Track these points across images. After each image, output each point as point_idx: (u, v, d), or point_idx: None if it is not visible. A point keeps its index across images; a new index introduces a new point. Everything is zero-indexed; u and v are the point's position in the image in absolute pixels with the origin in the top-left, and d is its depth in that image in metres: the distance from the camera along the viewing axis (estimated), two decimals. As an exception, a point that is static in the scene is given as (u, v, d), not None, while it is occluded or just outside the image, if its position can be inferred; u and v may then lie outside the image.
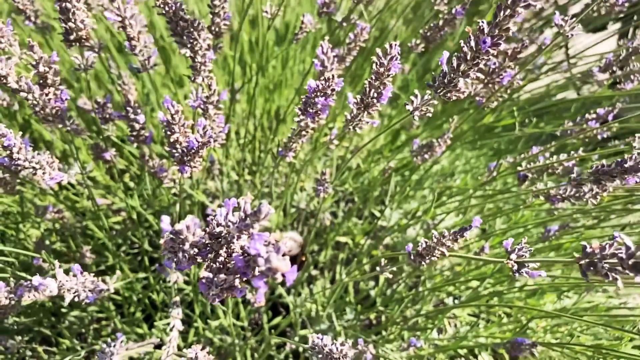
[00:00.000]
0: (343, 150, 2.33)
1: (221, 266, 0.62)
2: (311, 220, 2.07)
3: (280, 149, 1.14)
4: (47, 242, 1.85)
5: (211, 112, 1.09)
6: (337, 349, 0.83)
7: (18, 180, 1.24)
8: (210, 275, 0.61)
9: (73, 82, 2.16)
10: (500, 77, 1.15)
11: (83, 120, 2.08)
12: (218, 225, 0.61)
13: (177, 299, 1.24)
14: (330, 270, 2.07)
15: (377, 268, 1.05)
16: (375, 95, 0.89)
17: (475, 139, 2.23)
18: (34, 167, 0.89)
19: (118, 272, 1.17)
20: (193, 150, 0.84)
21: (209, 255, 0.61)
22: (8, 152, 0.84)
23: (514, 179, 2.24)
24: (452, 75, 0.80)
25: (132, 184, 2.14)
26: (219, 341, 1.82)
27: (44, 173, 0.92)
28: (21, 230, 1.83)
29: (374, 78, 0.87)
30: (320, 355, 0.87)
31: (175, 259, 0.60)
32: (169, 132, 0.85)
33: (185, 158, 0.86)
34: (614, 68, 1.72)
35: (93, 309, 1.86)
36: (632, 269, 0.61)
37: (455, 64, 0.79)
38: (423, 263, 0.95)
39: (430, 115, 0.88)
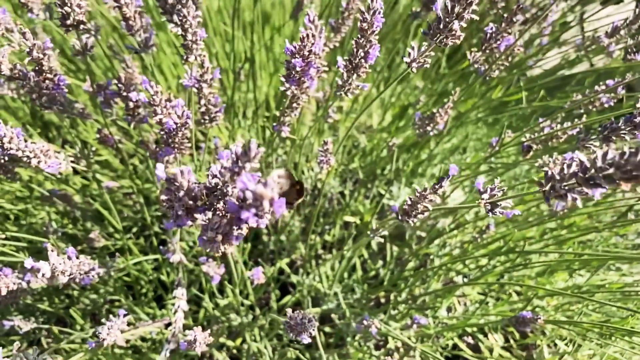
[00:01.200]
0: (352, 129, 2.31)
1: (218, 214, 0.62)
2: (319, 199, 2.07)
3: (274, 124, 1.14)
4: (58, 226, 1.88)
5: (205, 91, 1.09)
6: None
7: (18, 168, 1.26)
8: (207, 221, 0.61)
9: (83, 67, 2.18)
10: (498, 42, 1.13)
11: (93, 104, 2.10)
12: (214, 177, 0.62)
13: (181, 276, 1.25)
14: (338, 249, 2.07)
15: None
16: (363, 54, 0.88)
17: (486, 115, 2.20)
18: (27, 156, 0.90)
19: (118, 255, 1.18)
20: (173, 132, 0.84)
21: (206, 211, 0.62)
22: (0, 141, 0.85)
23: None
24: (446, 19, 0.79)
25: (141, 167, 2.16)
26: (228, 320, 1.84)
27: (38, 161, 0.93)
28: (32, 214, 1.87)
29: (359, 36, 0.86)
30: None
31: (172, 213, 0.60)
32: (153, 114, 0.85)
33: (168, 140, 0.86)
34: (627, 38, 1.68)
35: (106, 291, 1.89)
36: (587, 185, 0.60)
37: (449, 6, 0.78)
38: (410, 221, 0.95)
39: (427, 66, 0.87)
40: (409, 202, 0.95)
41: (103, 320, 1.66)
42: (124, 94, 1.12)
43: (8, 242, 1.50)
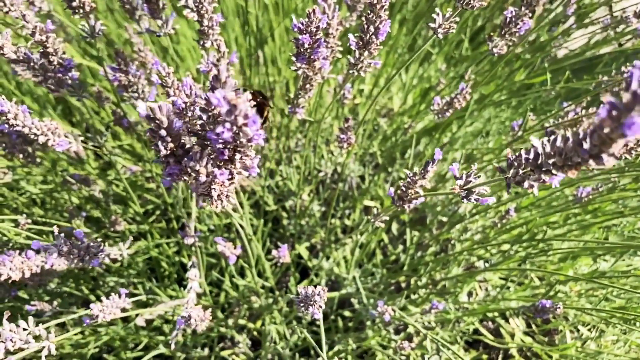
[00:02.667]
0: (372, 113, 2.29)
1: (202, 149, 0.61)
2: (339, 184, 2.07)
3: (290, 107, 1.13)
4: (83, 209, 1.92)
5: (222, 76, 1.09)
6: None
7: (37, 152, 1.28)
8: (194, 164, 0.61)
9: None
10: (518, 27, 1.10)
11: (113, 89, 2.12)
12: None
13: (195, 259, 1.27)
14: (358, 233, 2.07)
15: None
16: (373, 30, 0.87)
17: (509, 98, 2.16)
18: (34, 133, 0.92)
19: (132, 239, 1.20)
20: (183, 111, 0.85)
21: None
22: (4, 118, 0.87)
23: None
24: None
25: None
26: (248, 303, 1.86)
27: (47, 139, 0.94)
28: (57, 198, 1.91)
29: (369, 11, 0.85)
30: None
31: (160, 159, 0.60)
32: (166, 95, 0.86)
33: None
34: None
35: (129, 273, 1.93)
36: (539, 172, 0.60)
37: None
38: (405, 206, 0.95)
39: (453, 31, 0.87)
40: (401, 188, 0.95)
41: (102, 298, 1.69)
42: (123, 67, 1.13)
43: (34, 226, 1.54)
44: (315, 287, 0.90)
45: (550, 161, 0.59)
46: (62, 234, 0.90)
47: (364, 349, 1.78)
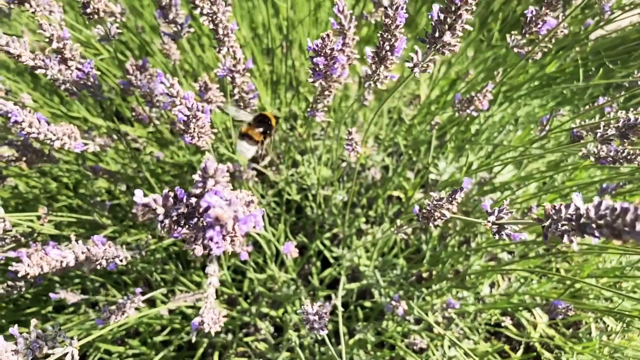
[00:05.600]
0: (397, 101, 2.27)
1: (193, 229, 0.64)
2: (361, 174, 2.06)
3: (309, 110, 1.14)
4: (107, 199, 1.98)
5: (238, 81, 1.10)
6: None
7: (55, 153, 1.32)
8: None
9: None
10: (538, 26, 1.07)
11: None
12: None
13: (213, 256, 1.29)
14: (381, 224, 2.07)
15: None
16: (389, 48, 0.87)
17: (540, 86, 2.10)
18: (49, 139, 0.95)
19: (148, 236, 1.23)
20: (184, 122, 0.88)
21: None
22: (19, 126, 0.90)
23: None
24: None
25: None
26: (271, 291, 1.90)
27: (62, 143, 0.97)
28: (85, 186, 1.96)
29: (384, 30, 0.85)
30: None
31: (160, 227, 0.63)
32: (172, 105, 0.88)
33: (186, 129, 0.90)
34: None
35: (155, 259, 1.99)
36: (579, 231, 0.59)
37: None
38: (431, 224, 0.95)
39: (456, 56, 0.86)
40: (427, 209, 0.95)
41: (156, 285, 1.74)
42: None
43: (57, 218, 1.59)
44: (319, 305, 0.92)
45: (594, 225, 0.57)
46: (79, 241, 0.93)
47: (384, 339, 1.81)
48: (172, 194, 0.59)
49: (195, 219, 0.62)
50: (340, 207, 2.01)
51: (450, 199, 0.90)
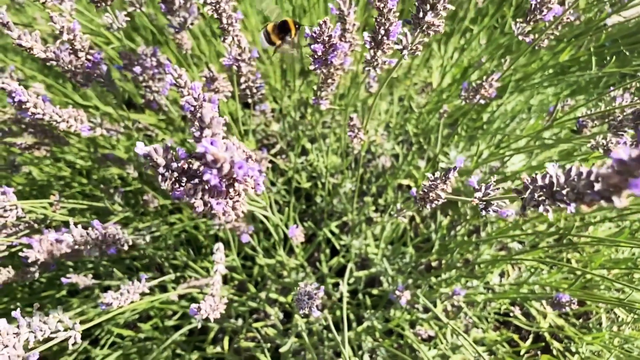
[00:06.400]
0: (410, 88, 2.25)
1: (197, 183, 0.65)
2: (372, 162, 2.06)
3: (314, 98, 1.14)
4: (119, 185, 2.00)
5: (244, 70, 1.10)
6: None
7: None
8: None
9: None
10: (543, 14, 1.06)
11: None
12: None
13: (220, 244, 1.31)
14: (391, 213, 2.07)
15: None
16: (384, 32, 0.87)
17: (555, 74, 2.08)
18: (55, 120, 0.97)
19: (161, 219, 1.25)
20: (191, 113, 0.88)
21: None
22: (24, 106, 0.92)
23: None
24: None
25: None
26: (280, 277, 1.92)
27: (68, 125, 0.99)
28: (98, 173, 1.99)
29: (378, 14, 0.85)
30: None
31: (161, 184, 0.64)
32: (181, 95, 0.88)
33: (191, 118, 0.91)
34: None
35: (167, 245, 2.01)
36: (553, 200, 0.61)
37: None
38: (426, 206, 0.96)
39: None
40: (423, 190, 0.96)
41: (166, 270, 1.76)
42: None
43: (68, 204, 1.61)
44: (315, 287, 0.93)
45: (564, 192, 0.59)
46: (78, 225, 0.94)
47: (391, 327, 1.82)
48: (170, 145, 0.60)
49: (196, 178, 0.63)
50: (349, 196, 2.01)
51: (444, 178, 0.91)
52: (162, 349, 1.76)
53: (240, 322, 1.92)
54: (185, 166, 0.60)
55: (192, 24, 1.15)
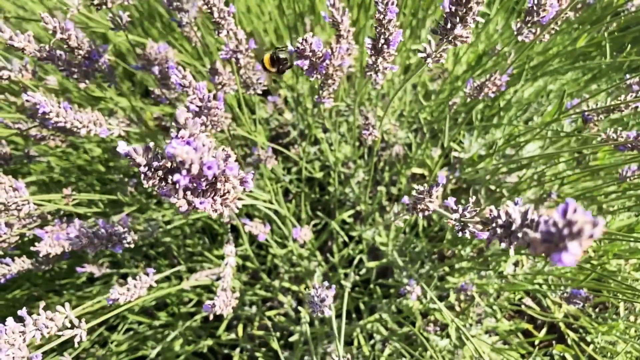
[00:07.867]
0: (424, 75, 2.23)
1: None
2: (385, 150, 2.05)
3: (317, 97, 1.14)
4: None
5: (242, 62, 1.11)
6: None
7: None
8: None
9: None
10: (540, 17, 1.03)
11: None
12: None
13: (230, 237, 1.33)
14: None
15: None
16: (384, 42, 0.87)
17: (573, 60, 2.03)
18: (76, 127, 0.99)
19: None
20: (198, 113, 0.89)
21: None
22: (47, 117, 0.94)
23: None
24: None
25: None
26: (292, 266, 1.93)
27: (88, 130, 1.01)
28: (114, 162, 2.02)
29: (378, 25, 0.84)
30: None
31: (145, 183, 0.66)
32: (186, 95, 0.89)
33: (199, 116, 0.92)
34: None
35: (183, 233, 2.05)
36: (509, 238, 0.63)
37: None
38: (418, 214, 1.00)
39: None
40: (412, 201, 1.00)
41: (180, 258, 1.79)
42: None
43: (87, 197, 1.65)
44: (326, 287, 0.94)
45: (519, 234, 0.60)
46: (78, 222, 0.97)
47: (401, 319, 1.83)
48: (152, 145, 0.62)
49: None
50: (363, 184, 2.01)
51: (429, 192, 0.94)
52: (174, 336, 1.81)
53: (254, 309, 1.95)
54: (169, 165, 0.61)
55: (194, 17, 1.15)
